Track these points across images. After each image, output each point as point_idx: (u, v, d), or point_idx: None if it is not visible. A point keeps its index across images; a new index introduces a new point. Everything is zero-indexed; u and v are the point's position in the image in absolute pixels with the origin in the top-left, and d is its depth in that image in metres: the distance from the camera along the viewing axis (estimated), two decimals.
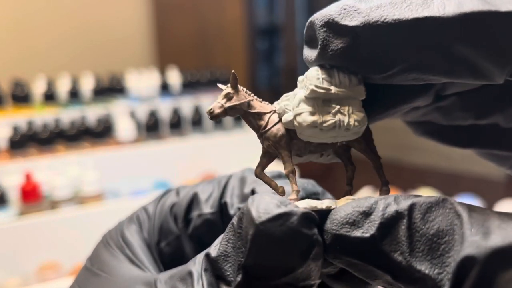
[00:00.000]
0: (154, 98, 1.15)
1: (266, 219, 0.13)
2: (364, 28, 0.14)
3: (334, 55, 0.14)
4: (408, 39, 0.13)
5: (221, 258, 0.14)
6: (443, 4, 0.13)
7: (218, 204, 0.19)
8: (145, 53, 2.22)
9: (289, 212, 0.13)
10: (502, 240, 0.11)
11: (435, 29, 0.13)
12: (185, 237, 0.20)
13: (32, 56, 1.90)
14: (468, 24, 0.13)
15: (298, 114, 0.14)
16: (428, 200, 0.12)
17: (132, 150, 0.94)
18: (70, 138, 0.92)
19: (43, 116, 1.00)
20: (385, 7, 0.13)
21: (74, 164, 0.84)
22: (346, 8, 0.14)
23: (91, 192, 0.80)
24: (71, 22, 2.01)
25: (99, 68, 1.50)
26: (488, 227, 0.11)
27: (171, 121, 1.02)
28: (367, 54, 0.14)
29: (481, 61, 0.13)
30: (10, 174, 0.80)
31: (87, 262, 0.21)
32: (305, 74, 0.15)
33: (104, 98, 1.14)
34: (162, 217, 0.21)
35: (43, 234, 0.72)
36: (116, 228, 0.21)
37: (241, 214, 0.13)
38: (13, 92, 1.09)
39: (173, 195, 0.21)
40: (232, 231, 0.14)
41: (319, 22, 0.14)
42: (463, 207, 0.12)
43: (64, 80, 1.18)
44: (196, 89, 1.21)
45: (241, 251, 0.13)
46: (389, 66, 0.14)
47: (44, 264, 0.71)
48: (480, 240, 0.11)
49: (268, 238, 0.12)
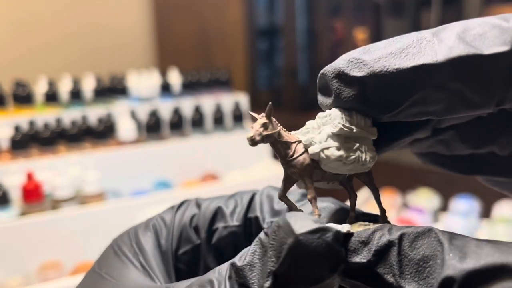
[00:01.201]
0: (155, 98, 1.16)
1: (305, 231, 0.14)
2: (370, 77, 0.16)
3: (347, 101, 0.17)
4: (408, 83, 0.16)
5: (247, 267, 0.15)
6: (435, 52, 0.16)
7: (243, 218, 0.21)
8: (146, 54, 2.22)
9: (325, 228, 0.14)
10: (475, 263, 0.13)
11: (430, 72, 0.15)
12: (206, 247, 0.21)
13: (34, 58, 1.90)
14: (457, 66, 0.15)
15: (326, 148, 0.17)
16: (416, 231, 0.15)
17: (133, 150, 0.94)
18: (71, 138, 0.93)
19: (44, 116, 1.00)
20: (386, 57, 0.16)
21: (76, 164, 0.84)
22: (352, 60, 0.16)
23: (93, 192, 0.81)
24: (73, 24, 2.02)
25: (101, 69, 1.51)
26: (465, 252, 0.13)
27: (172, 121, 1.02)
28: (374, 99, 0.16)
29: (471, 95, 0.16)
30: (11, 174, 0.80)
31: (95, 265, 0.21)
32: (328, 112, 0.17)
33: (105, 98, 1.15)
34: (181, 226, 0.21)
35: (44, 234, 0.72)
36: (129, 233, 0.22)
37: (275, 227, 0.15)
38: (14, 93, 1.10)
39: (193, 206, 0.22)
40: (259, 243, 0.15)
41: (331, 75, 0.17)
42: (445, 236, 0.14)
43: (66, 81, 1.18)
44: (196, 90, 1.22)
45: (271, 260, 0.14)
46: (394, 107, 0.16)
47: (45, 263, 0.72)
48: (457, 263, 0.13)
49: (305, 248, 0.14)
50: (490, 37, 0.16)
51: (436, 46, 0.16)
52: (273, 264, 0.14)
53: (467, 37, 0.16)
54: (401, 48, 0.16)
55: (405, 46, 0.16)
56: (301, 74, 2.59)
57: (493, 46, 0.15)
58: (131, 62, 1.98)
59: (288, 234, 0.14)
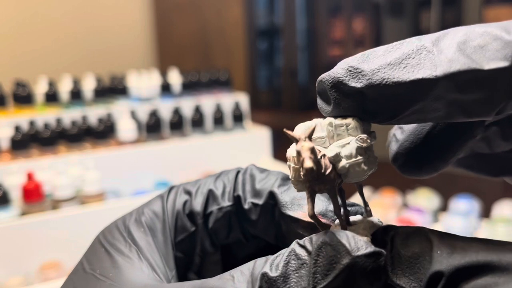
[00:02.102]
0: (155, 98, 1.16)
1: (362, 254, 0.15)
2: (368, 88, 0.16)
3: (346, 110, 0.17)
4: (408, 96, 0.16)
5: (281, 279, 0.15)
6: (435, 65, 0.15)
7: (233, 197, 0.21)
8: (146, 55, 2.22)
9: (380, 252, 0.15)
10: (461, 259, 0.14)
11: (430, 86, 0.16)
12: (203, 232, 0.21)
13: (35, 59, 1.90)
14: (457, 79, 0.15)
15: (357, 164, 0.17)
16: (407, 230, 0.16)
17: (133, 150, 0.94)
18: (71, 138, 0.93)
19: (44, 116, 1.00)
20: (385, 69, 0.16)
21: (76, 164, 0.84)
22: (351, 70, 0.16)
23: (93, 192, 0.81)
24: (73, 25, 2.02)
25: (101, 70, 1.51)
26: (453, 249, 0.14)
27: (172, 121, 1.03)
28: (373, 109, 0.17)
29: (470, 106, 0.16)
30: (11, 173, 0.80)
31: (85, 265, 0.20)
32: (342, 122, 0.17)
33: (105, 98, 1.15)
34: (175, 215, 0.21)
35: (44, 234, 0.72)
36: (119, 229, 0.21)
37: (320, 244, 0.15)
38: (15, 93, 1.10)
39: (182, 193, 0.22)
40: (294, 255, 0.15)
41: (329, 84, 0.17)
42: (434, 234, 0.15)
43: (66, 81, 1.19)
44: (196, 90, 1.22)
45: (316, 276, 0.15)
46: (393, 116, 0.17)
47: (45, 263, 0.72)
48: (444, 259, 0.14)
49: (360, 270, 0.15)
50: (491, 49, 0.15)
51: (436, 58, 0.16)
52: (319, 280, 0.15)
53: (467, 49, 0.15)
54: (400, 58, 0.16)
55: (404, 56, 0.16)
56: (301, 74, 2.60)
57: (494, 60, 0.15)
58: (131, 63, 1.99)
59: (342, 254, 0.15)
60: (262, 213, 0.20)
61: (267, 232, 0.21)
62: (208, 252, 0.21)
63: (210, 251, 0.22)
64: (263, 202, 0.20)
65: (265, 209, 0.20)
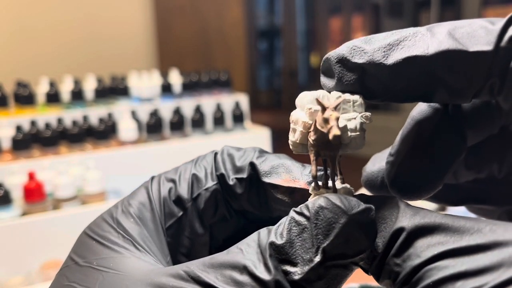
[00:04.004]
0: (156, 98, 1.17)
1: (357, 211, 0.17)
2: (369, 65, 0.18)
3: (348, 85, 0.19)
4: (402, 71, 0.18)
5: (287, 244, 0.17)
6: (427, 44, 0.18)
7: (216, 176, 0.23)
8: (147, 56, 2.23)
9: (370, 207, 0.17)
10: (421, 219, 0.16)
11: (422, 62, 0.18)
12: (192, 214, 0.22)
13: (37, 61, 1.91)
14: (445, 58, 0.18)
15: (358, 137, 0.19)
16: (380, 197, 0.18)
17: (134, 150, 0.95)
18: (72, 138, 0.93)
19: (46, 116, 1.01)
20: (384, 48, 0.18)
21: (77, 164, 0.84)
22: (355, 48, 0.19)
23: (94, 192, 0.81)
24: (74, 27, 2.02)
25: (102, 71, 1.52)
26: (416, 213, 0.17)
27: (172, 121, 1.03)
28: (372, 84, 0.19)
29: (453, 84, 0.18)
30: (13, 173, 0.80)
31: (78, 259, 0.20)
32: (350, 98, 0.19)
33: (106, 99, 1.15)
34: (162, 202, 0.22)
35: (46, 233, 0.73)
36: (107, 222, 0.21)
37: (317, 208, 0.17)
38: (16, 93, 1.10)
39: (165, 181, 0.23)
40: (294, 222, 0.17)
41: (334, 59, 0.19)
42: (403, 203, 0.17)
43: (67, 81, 1.19)
44: (197, 90, 1.22)
45: (318, 238, 0.16)
46: (387, 91, 0.19)
47: (46, 263, 0.72)
48: (407, 219, 0.16)
49: (357, 226, 0.17)
50: (476, 36, 0.18)
51: (428, 40, 0.18)
52: (321, 241, 0.16)
53: (456, 34, 0.18)
54: (399, 40, 0.18)
55: (402, 39, 0.18)
56: (301, 74, 2.60)
57: (478, 44, 0.17)
58: (132, 64, 1.99)
59: (339, 214, 0.16)
60: (247, 186, 0.22)
61: (252, 203, 0.23)
62: (198, 233, 0.23)
63: (200, 232, 0.23)
64: (247, 175, 0.22)
65: (249, 182, 0.22)
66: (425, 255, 0.15)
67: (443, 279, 0.15)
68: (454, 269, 0.15)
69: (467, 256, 0.15)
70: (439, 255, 0.15)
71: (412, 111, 0.22)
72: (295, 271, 0.16)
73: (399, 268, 0.16)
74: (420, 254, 0.16)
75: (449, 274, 0.15)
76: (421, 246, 0.16)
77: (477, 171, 0.23)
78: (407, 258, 0.16)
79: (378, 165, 0.24)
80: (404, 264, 0.16)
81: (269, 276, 0.16)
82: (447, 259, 0.15)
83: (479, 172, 0.23)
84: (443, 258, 0.15)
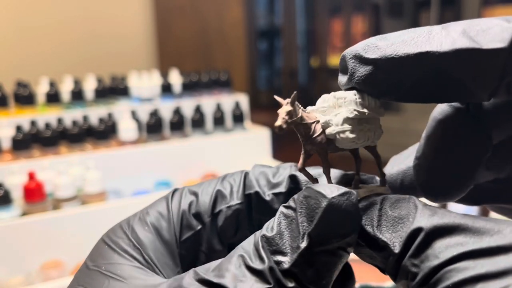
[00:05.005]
0: (156, 99, 1.17)
1: (336, 194, 0.17)
2: (381, 60, 0.18)
3: (359, 80, 0.19)
4: (414, 67, 0.18)
5: (277, 236, 0.17)
6: (441, 42, 0.18)
7: (242, 196, 0.23)
8: (147, 56, 2.22)
9: (350, 191, 0.17)
10: (440, 219, 0.16)
11: (434, 59, 0.18)
12: (210, 231, 0.22)
13: (36, 61, 1.91)
14: (459, 56, 0.17)
15: (342, 131, 0.19)
16: (398, 197, 0.18)
17: (134, 150, 0.95)
18: (72, 138, 0.93)
19: (46, 116, 1.01)
20: (398, 44, 0.18)
21: (77, 164, 0.84)
22: (369, 45, 0.19)
23: (94, 192, 0.81)
24: (74, 27, 2.02)
25: (102, 72, 1.51)
26: (434, 213, 0.16)
27: (172, 121, 1.03)
28: (383, 79, 0.19)
29: (468, 83, 0.18)
30: (13, 173, 0.80)
31: (89, 263, 0.21)
32: (343, 95, 0.20)
33: (106, 99, 1.15)
34: (180, 214, 0.22)
35: (46, 233, 0.73)
36: (122, 228, 0.22)
37: (301, 198, 0.18)
38: (16, 93, 1.10)
39: (188, 194, 0.23)
40: (283, 215, 0.18)
41: (349, 55, 0.19)
42: (420, 203, 0.17)
43: (67, 81, 1.19)
44: (197, 90, 1.22)
45: (303, 225, 0.17)
46: (399, 88, 0.19)
47: (46, 263, 0.72)
48: (426, 219, 0.16)
49: (337, 208, 0.17)
50: (491, 33, 0.17)
51: (443, 38, 0.18)
52: (306, 227, 0.17)
53: (471, 32, 0.17)
54: (412, 37, 0.18)
55: (416, 36, 0.18)
56: (301, 74, 2.60)
57: (492, 42, 0.17)
58: (132, 64, 1.99)
59: (320, 200, 0.17)
60: (285, 200, 0.22)
61: None
62: (216, 250, 0.22)
63: (218, 249, 0.23)
64: (285, 189, 0.22)
65: (287, 196, 0.22)
66: (444, 256, 0.15)
67: (463, 281, 0.14)
68: (474, 271, 0.14)
69: (487, 257, 0.14)
70: (459, 256, 0.15)
71: (433, 112, 0.22)
72: (285, 260, 0.17)
73: (416, 268, 0.16)
74: (438, 255, 0.15)
75: (469, 276, 0.14)
76: (439, 246, 0.15)
77: (498, 171, 0.23)
78: (425, 258, 0.16)
79: (397, 168, 0.24)
80: (422, 264, 0.16)
81: (262, 265, 0.17)
82: (466, 260, 0.15)
83: (500, 172, 0.23)
84: (463, 259, 0.15)
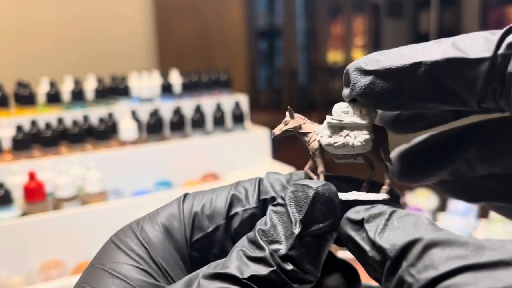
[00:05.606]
0: (156, 99, 1.17)
1: (320, 185, 0.19)
2: (380, 71, 0.20)
3: (360, 90, 0.21)
4: (410, 76, 0.20)
5: (272, 228, 0.19)
6: (433, 53, 0.19)
7: (257, 200, 0.23)
8: (147, 56, 2.23)
9: (329, 183, 0.20)
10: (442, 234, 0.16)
11: (427, 68, 0.19)
12: (224, 233, 0.23)
13: (37, 61, 1.91)
14: (449, 65, 0.19)
15: (321, 137, 0.22)
16: (407, 212, 0.19)
17: (134, 150, 0.95)
18: (73, 138, 0.93)
19: (46, 116, 1.01)
20: (395, 57, 0.20)
21: (77, 164, 0.85)
22: (370, 59, 0.21)
23: (94, 192, 0.81)
24: (75, 27, 2.02)
25: (102, 72, 1.52)
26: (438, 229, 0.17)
27: (173, 121, 1.03)
28: (381, 89, 0.20)
29: (458, 91, 0.19)
30: (13, 173, 0.81)
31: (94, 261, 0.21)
32: (338, 106, 0.22)
33: (106, 99, 1.16)
34: (192, 216, 0.22)
35: (46, 233, 0.73)
36: (132, 228, 0.22)
37: (290, 194, 0.20)
38: (16, 93, 1.11)
39: (201, 197, 0.23)
40: (273, 212, 0.20)
41: (351, 69, 0.21)
42: (426, 219, 0.18)
43: (67, 81, 1.19)
44: (197, 90, 1.22)
45: (294, 215, 0.19)
46: (396, 97, 0.20)
47: (47, 262, 0.72)
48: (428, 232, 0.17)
49: (323, 195, 0.19)
50: (478, 45, 0.19)
51: (435, 49, 0.20)
52: (297, 216, 0.19)
53: (460, 44, 0.19)
54: (409, 50, 0.20)
55: (412, 49, 0.20)
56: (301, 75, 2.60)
57: (478, 52, 0.19)
58: (132, 64, 1.99)
59: (307, 191, 0.19)
60: None
61: None
62: (228, 252, 0.22)
63: None
64: None
65: None
66: (443, 268, 0.15)
67: None
68: (476, 286, 0.14)
69: (489, 271, 0.14)
70: (458, 269, 0.15)
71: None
72: (282, 247, 0.18)
73: (412, 279, 0.16)
74: (437, 267, 0.15)
75: None
76: (439, 258, 0.15)
77: (492, 165, 0.24)
78: (422, 269, 0.16)
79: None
80: (418, 275, 0.16)
81: (263, 253, 0.18)
82: (467, 274, 0.14)
83: (494, 165, 0.24)
84: (463, 273, 0.14)
